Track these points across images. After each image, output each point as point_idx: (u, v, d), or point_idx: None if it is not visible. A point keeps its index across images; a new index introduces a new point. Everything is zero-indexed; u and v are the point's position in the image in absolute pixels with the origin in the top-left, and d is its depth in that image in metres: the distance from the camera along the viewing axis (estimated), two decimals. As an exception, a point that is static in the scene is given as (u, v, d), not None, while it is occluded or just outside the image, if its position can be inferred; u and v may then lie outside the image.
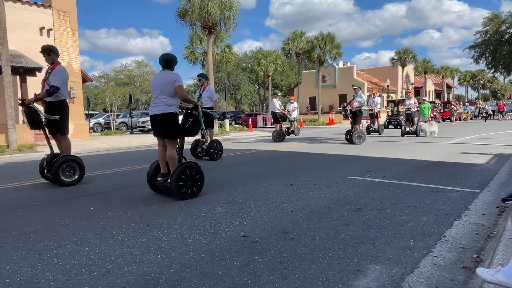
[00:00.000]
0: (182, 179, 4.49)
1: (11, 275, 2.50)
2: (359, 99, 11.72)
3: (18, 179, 6.54)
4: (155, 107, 4.64)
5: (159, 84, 4.61)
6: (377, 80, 46.11)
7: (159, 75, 4.72)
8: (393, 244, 2.91)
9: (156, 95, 4.64)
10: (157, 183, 4.85)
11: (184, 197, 4.54)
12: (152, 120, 4.71)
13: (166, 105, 4.57)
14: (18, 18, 15.40)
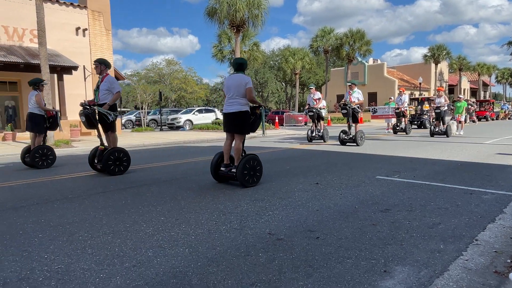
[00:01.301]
0: (247, 168, 5.10)
1: (49, 263, 2.65)
2: (357, 95, 11.09)
3: (55, 173, 6.88)
4: (229, 106, 5.24)
5: (233, 86, 5.21)
6: (409, 77, 44.78)
7: (233, 77, 5.31)
8: (422, 246, 2.84)
9: (230, 96, 5.25)
10: (220, 173, 5.41)
11: (247, 185, 5.13)
12: (226, 117, 5.33)
13: (239, 105, 5.19)
14: (56, 18, 16.12)
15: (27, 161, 7.68)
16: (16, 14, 15.29)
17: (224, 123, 5.43)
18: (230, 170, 5.28)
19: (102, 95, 6.56)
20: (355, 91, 11.11)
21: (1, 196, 4.94)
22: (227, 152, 5.40)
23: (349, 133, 11.04)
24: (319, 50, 35.14)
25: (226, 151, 5.40)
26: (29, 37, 15.73)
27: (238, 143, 5.27)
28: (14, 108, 16.16)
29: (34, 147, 7.64)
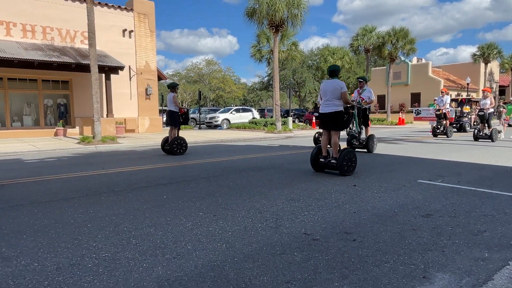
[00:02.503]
0: (345, 159, 5.93)
1: (97, 251, 2.84)
2: (368, 94, 9.54)
3: (101, 167, 7.29)
4: (326, 107, 6.11)
5: (329, 90, 6.07)
6: (456, 77, 42.56)
7: (329, 82, 6.16)
8: (465, 254, 2.73)
9: (326, 98, 6.11)
10: (320, 163, 6.31)
11: (345, 173, 5.95)
12: (322, 116, 6.21)
13: (335, 106, 6.03)
14: (104, 21, 17.01)
15: (167, 148, 9.50)
16: (69, 17, 16.32)
17: (320, 122, 6.36)
18: (330, 161, 6.18)
19: None
20: (366, 89, 9.67)
21: (54, 187, 5.33)
22: (325, 146, 6.31)
23: (359, 137, 9.59)
24: (360, 49, 34.28)
25: (324, 145, 6.32)
26: (80, 38, 16.72)
27: (335, 138, 6.16)
28: (66, 105, 17.24)
29: (172, 138, 9.45)
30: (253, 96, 63.53)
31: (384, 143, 12.39)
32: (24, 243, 3.03)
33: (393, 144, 11.98)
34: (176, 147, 9.29)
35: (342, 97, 6.01)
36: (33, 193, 4.90)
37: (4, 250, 2.86)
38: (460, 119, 18.55)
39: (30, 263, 2.62)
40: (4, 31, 14.94)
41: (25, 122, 16.26)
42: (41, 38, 15.81)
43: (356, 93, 9.70)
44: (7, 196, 4.77)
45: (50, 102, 16.90)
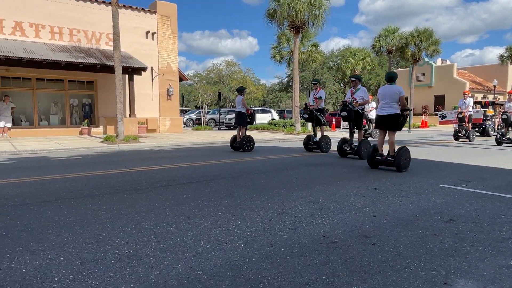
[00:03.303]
0: (402, 157, 6.64)
1: (119, 248, 2.92)
2: (361, 94, 8.74)
3: (124, 166, 7.47)
4: (384, 110, 6.84)
5: (388, 94, 6.82)
6: (482, 80, 41.24)
7: (387, 87, 6.93)
8: (488, 261, 2.66)
9: (385, 102, 6.84)
10: (377, 160, 6.99)
11: (402, 170, 6.61)
12: (381, 118, 6.92)
13: (393, 108, 6.76)
14: (128, 23, 17.41)
15: (236, 146, 10.52)
16: (95, 20, 16.80)
17: (378, 123, 7.01)
18: (386, 158, 6.85)
19: None
20: (360, 88, 8.87)
21: (79, 184, 5.50)
22: (381, 145, 7.00)
23: (350, 141, 8.84)
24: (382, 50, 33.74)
25: (380, 144, 7.01)
26: (105, 40, 17.17)
27: (392, 137, 6.91)
28: (90, 105, 17.74)
29: (242, 137, 10.45)
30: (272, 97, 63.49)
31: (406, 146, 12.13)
32: (50, 238, 3.15)
33: (415, 147, 11.73)
34: (246, 145, 10.34)
35: (400, 100, 6.72)
36: (60, 190, 5.08)
37: (32, 244, 2.98)
38: (483, 123, 17.88)
39: (56, 257, 2.72)
40: (33, 33, 15.52)
41: (52, 121, 16.82)
42: (68, 40, 16.34)
43: (349, 93, 9.01)
44: (34, 192, 4.96)
45: (75, 102, 17.43)
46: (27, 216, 3.78)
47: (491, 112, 17.95)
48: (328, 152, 10.00)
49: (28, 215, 3.82)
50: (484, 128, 17.51)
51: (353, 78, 9.20)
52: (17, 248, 2.91)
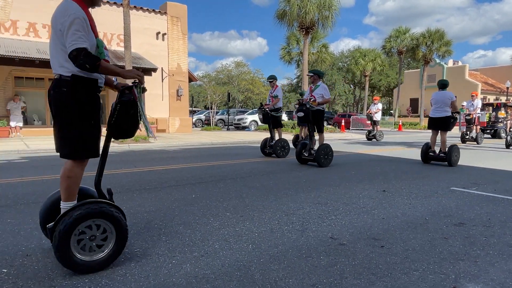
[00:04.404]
0: (454, 154, 7.66)
1: (129, 246, 2.95)
2: (321, 91, 7.64)
3: (134, 165, 7.55)
4: (437, 112, 7.88)
5: (440, 99, 7.87)
6: (494, 81, 40.62)
7: (440, 93, 7.95)
8: (499, 265, 2.63)
9: (438, 106, 7.88)
10: (429, 156, 8.02)
11: (452, 164, 7.62)
12: (433, 120, 7.96)
13: (444, 111, 7.80)
14: (139, 24, 17.59)
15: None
16: (106, 21, 17.00)
17: (431, 124, 8.03)
18: (439, 154, 7.86)
19: None
20: (319, 85, 7.77)
21: (90, 183, 5.56)
22: (434, 143, 8.04)
23: (311, 146, 7.76)
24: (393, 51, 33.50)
25: (432, 142, 8.06)
26: (116, 41, 17.38)
27: (444, 136, 7.92)
28: (101, 105, 17.97)
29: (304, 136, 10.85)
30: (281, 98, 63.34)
31: (417, 148, 12.03)
32: (62, 235, 3.20)
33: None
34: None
35: (452, 105, 7.78)
36: (71, 189, 5.15)
37: (44, 242, 3.04)
38: (494, 125, 17.55)
39: (68, 255, 2.76)
40: (46, 34, 15.79)
41: (64, 120, 17.06)
42: (80, 40, 16.58)
43: (308, 90, 8.00)
44: (47, 191, 5.04)
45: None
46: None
47: (502, 114, 17.65)
48: (286, 157, 9.08)
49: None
50: (495, 130, 17.22)
51: (311, 73, 7.94)
52: (29, 245, 2.97)
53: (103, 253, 2.49)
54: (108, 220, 2.47)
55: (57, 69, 2.51)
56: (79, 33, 2.38)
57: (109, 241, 2.50)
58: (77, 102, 2.48)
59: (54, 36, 2.48)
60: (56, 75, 2.52)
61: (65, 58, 2.44)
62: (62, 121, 2.49)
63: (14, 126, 14.30)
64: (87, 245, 2.43)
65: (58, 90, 2.48)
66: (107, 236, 2.50)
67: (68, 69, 2.47)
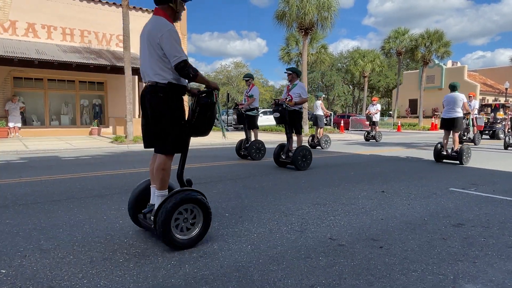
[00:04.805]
0: (465, 153, 8.04)
1: (128, 247, 2.95)
2: (298, 90, 7.32)
3: (133, 166, 7.54)
4: (449, 114, 8.20)
5: (452, 101, 8.19)
6: (493, 82, 40.71)
7: (452, 95, 8.26)
8: (497, 266, 2.63)
9: (450, 107, 8.20)
10: (442, 155, 8.38)
11: (463, 163, 8.04)
12: (445, 120, 8.26)
13: (457, 112, 8.12)
14: (138, 24, 17.49)
15: (315, 143, 11.77)
16: (105, 21, 17.01)
17: (443, 124, 8.35)
18: (451, 153, 8.21)
19: None
20: (297, 84, 7.40)
21: (88, 184, 5.57)
22: (446, 143, 8.40)
23: (289, 148, 7.37)
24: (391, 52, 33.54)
25: (445, 142, 8.41)
26: (115, 42, 17.37)
27: (456, 136, 8.32)
28: (100, 106, 17.94)
29: (321, 136, 11.81)
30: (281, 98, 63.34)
31: (416, 148, 12.05)
32: (60, 236, 3.20)
33: (424, 150, 11.63)
34: (324, 143, 11.79)
35: (463, 106, 8.22)
36: (70, 189, 5.15)
37: (42, 243, 3.03)
38: (493, 126, 17.51)
39: (66, 256, 2.77)
40: (45, 34, 15.78)
41: (63, 121, 17.06)
42: (79, 41, 16.56)
43: (286, 89, 7.68)
44: (45, 191, 5.04)
45: (86, 102, 17.66)
46: (38, 215, 3.85)
47: (501, 115, 17.69)
48: (262, 159, 8.69)
49: (39, 214, 3.88)
50: (494, 131, 17.23)
51: (289, 71, 7.46)
52: (28, 246, 2.96)
53: (194, 232, 2.95)
54: (197, 204, 2.94)
55: (152, 77, 2.89)
56: (179, 46, 2.82)
57: (198, 222, 2.98)
58: (172, 105, 2.90)
59: (150, 48, 2.86)
60: (150, 82, 2.91)
61: (160, 67, 2.85)
62: (160, 122, 2.89)
63: (13, 127, 14.28)
64: (182, 226, 2.90)
65: (155, 95, 2.87)
66: (196, 218, 2.98)
67: (164, 77, 2.86)
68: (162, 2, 2.93)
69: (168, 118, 2.88)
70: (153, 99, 2.88)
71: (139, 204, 3.18)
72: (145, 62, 2.95)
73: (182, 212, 2.88)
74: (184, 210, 2.88)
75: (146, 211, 3.03)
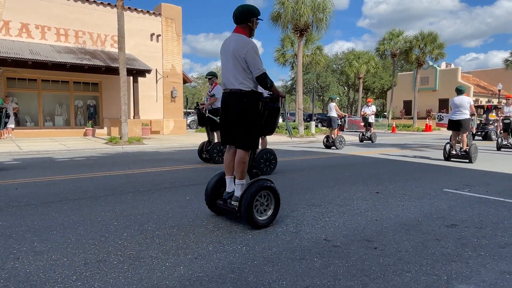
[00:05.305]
0: (473, 152, 8.53)
1: (122, 249, 2.94)
2: (214, 91, 7.52)
3: (128, 167, 7.51)
4: (457, 115, 8.71)
5: (459, 103, 8.70)
6: (486, 83, 41.10)
7: (459, 98, 8.78)
8: (490, 266, 2.66)
9: (457, 109, 8.72)
10: (451, 154, 8.93)
11: (472, 161, 8.49)
12: (453, 122, 8.79)
13: (464, 114, 8.64)
14: (133, 25, 17.52)
15: (329, 144, 12.33)
16: (100, 22, 16.93)
17: (451, 126, 8.85)
18: (460, 152, 8.73)
19: None
20: (216, 88, 7.69)
21: (83, 185, 5.54)
22: (455, 143, 8.98)
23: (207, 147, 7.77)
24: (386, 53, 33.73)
25: (454, 142, 9.00)
26: (110, 42, 17.29)
27: (464, 136, 8.78)
28: (95, 106, 17.85)
29: (336, 136, 12.27)
30: (276, 99, 63.33)
31: (410, 149, 12.13)
32: (54, 238, 3.18)
33: (418, 151, 11.71)
34: (339, 144, 12.28)
35: (470, 108, 8.70)
36: (64, 191, 5.12)
37: (36, 245, 3.01)
38: (485, 127, 17.64)
39: (60, 258, 2.75)
40: (39, 34, 15.67)
41: (57, 122, 16.94)
42: (73, 41, 16.47)
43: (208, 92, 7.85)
44: (39, 193, 5.01)
45: (80, 103, 17.56)
46: (32, 217, 3.82)
47: (493, 116, 17.86)
48: None
49: (32, 216, 3.85)
50: (486, 132, 17.38)
51: (209, 76, 7.71)
52: (21, 248, 2.94)
53: (269, 213, 3.58)
54: (270, 190, 3.55)
55: (236, 85, 3.42)
56: (260, 60, 3.39)
57: (270, 205, 3.59)
58: (254, 110, 3.46)
59: (235, 61, 3.40)
60: (234, 89, 3.44)
61: (244, 77, 3.40)
62: (243, 123, 3.43)
63: (6, 128, 14.15)
64: (260, 209, 3.51)
65: (240, 100, 3.43)
66: (269, 202, 3.59)
67: (247, 85, 3.42)
68: (242, 22, 3.52)
69: (250, 119, 3.44)
70: (238, 104, 3.43)
71: (215, 193, 3.77)
72: (228, 73, 3.48)
73: (259, 198, 3.47)
74: (259, 197, 3.47)
75: (227, 196, 3.64)
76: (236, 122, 3.46)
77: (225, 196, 3.66)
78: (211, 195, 3.79)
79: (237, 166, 3.52)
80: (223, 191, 3.76)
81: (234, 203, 3.51)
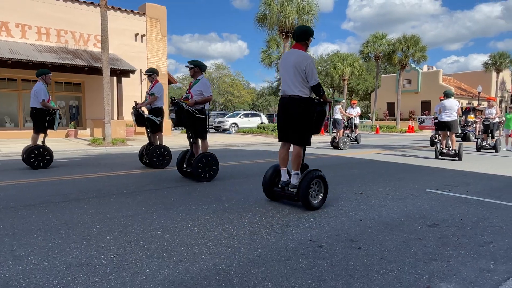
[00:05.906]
0: (460, 150, 9.36)
1: (105, 252, 2.89)
2: (200, 87, 6.02)
3: (111, 169, 7.39)
4: (447, 117, 9.32)
5: (449, 106, 9.35)
6: (467, 86, 42.16)
7: (448, 101, 9.45)
8: (470, 265, 2.73)
9: (447, 111, 9.33)
10: (442, 153, 9.72)
11: (461, 159, 9.33)
12: (444, 123, 9.41)
13: (453, 116, 9.27)
14: (117, 25, 17.29)
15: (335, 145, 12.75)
16: (83, 21, 16.64)
17: (441, 126, 9.53)
18: (450, 151, 9.52)
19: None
20: (199, 80, 6.12)
21: (64, 188, 5.43)
22: (445, 142, 9.74)
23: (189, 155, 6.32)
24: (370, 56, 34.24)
25: (443, 142, 9.77)
26: (93, 42, 17.02)
27: (453, 136, 9.57)
28: (78, 107, 17.52)
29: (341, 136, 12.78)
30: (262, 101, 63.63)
31: (393, 150, 12.32)
32: (34, 242, 3.10)
33: (401, 152, 11.92)
34: (342, 144, 12.69)
35: (458, 111, 9.42)
36: (44, 193, 5.00)
37: (15, 249, 2.93)
38: (464, 128, 17.95)
39: (41, 262, 2.68)
40: (19, 33, 15.29)
41: (38, 123, 16.53)
42: (55, 41, 16.14)
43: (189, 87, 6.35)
44: (18, 195, 4.88)
45: (62, 104, 17.20)
46: (11, 220, 3.71)
47: (472, 118, 18.30)
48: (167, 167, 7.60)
49: (11, 219, 3.75)
50: (465, 133, 17.81)
51: (190, 65, 6.17)
52: (0, 253, 2.85)
53: (320, 197, 4.32)
54: (320, 179, 4.27)
55: (296, 92, 4.10)
56: (316, 72, 4.12)
57: (320, 192, 4.32)
58: (309, 113, 4.15)
59: (296, 72, 4.08)
60: (293, 95, 4.11)
61: (302, 86, 4.10)
62: (301, 123, 4.13)
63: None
64: (312, 194, 4.24)
65: (299, 105, 4.11)
66: (320, 188, 4.32)
67: (305, 93, 4.12)
68: (302, 40, 4.27)
69: (306, 120, 4.13)
70: (297, 108, 4.10)
71: (271, 182, 4.49)
72: (289, 81, 4.14)
73: (312, 185, 4.19)
74: (313, 184, 4.19)
75: (284, 184, 4.36)
76: (294, 123, 4.13)
77: (282, 184, 4.36)
78: (268, 184, 4.47)
79: (294, 159, 4.21)
80: (277, 181, 4.47)
81: (291, 190, 4.23)
